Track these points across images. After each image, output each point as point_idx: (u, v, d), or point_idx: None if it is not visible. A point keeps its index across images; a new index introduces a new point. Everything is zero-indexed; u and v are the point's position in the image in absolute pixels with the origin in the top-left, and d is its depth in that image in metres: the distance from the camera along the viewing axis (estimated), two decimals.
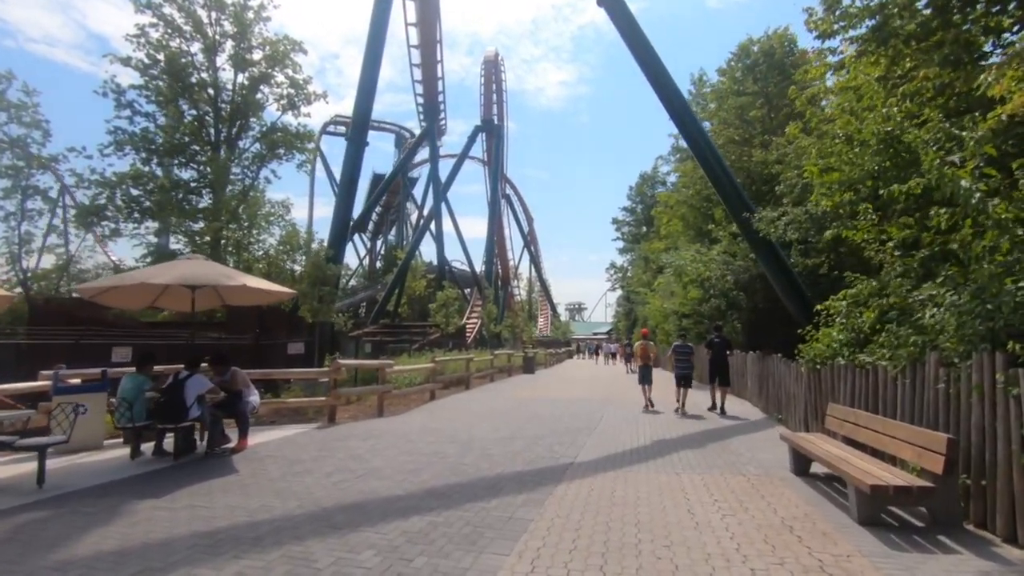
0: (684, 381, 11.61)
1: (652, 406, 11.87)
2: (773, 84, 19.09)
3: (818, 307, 7.74)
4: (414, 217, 66.75)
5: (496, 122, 48.86)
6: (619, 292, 75.89)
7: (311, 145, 33.35)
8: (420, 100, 37.46)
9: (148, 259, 28.19)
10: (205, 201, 28.77)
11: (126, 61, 27.85)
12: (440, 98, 38.01)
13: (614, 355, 46.29)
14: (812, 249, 12.58)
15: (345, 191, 16.55)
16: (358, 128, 16.63)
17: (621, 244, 65.51)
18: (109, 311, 22.05)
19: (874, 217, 7.11)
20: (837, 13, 7.53)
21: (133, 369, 6.74)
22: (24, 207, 24.92)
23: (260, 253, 27.94)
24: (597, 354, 48.65)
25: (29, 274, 25.48)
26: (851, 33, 7.73)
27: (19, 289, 23.23)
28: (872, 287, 6.61)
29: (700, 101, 30.32)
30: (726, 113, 20.78)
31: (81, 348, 10.38)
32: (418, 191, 62.61)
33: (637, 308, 40.56)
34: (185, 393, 6.12)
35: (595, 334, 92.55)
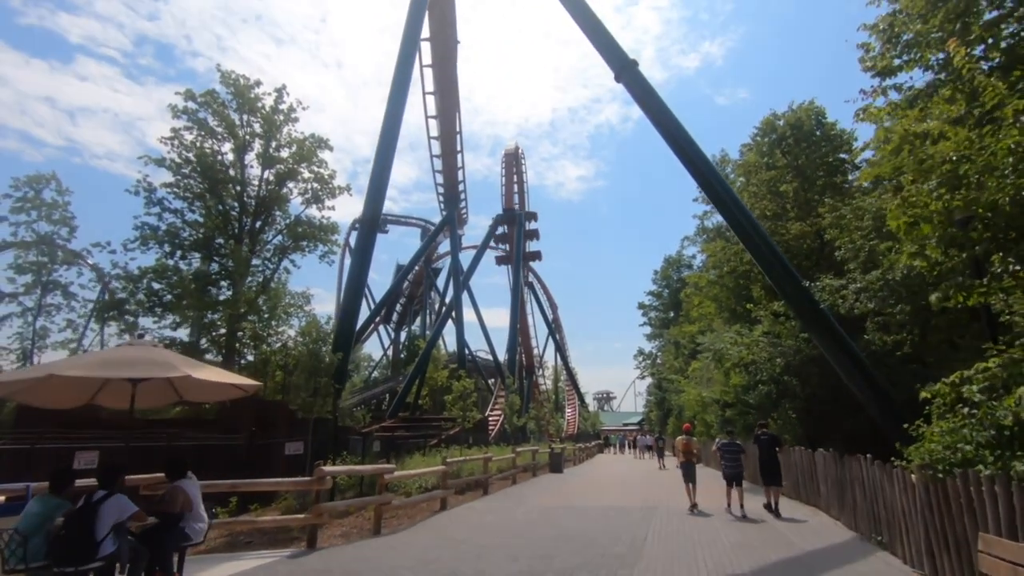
0: (735, 480, 10.91)
1: (697, 507, 11.20)
2: (804, 156, 18.23)
3: (925, 393, 5.98)
4: (437, 306, 66.46)
5: (517, 210, 49.37)
6: (648, 379, 72.78)
7: (335, 236, 33.66)
8: (441, 190, 38.07)
9: None
10: (225, 293, 28.65)
11: (160, 162, 28.94)
12: (460, 188, 38.53)
13: (649, 448, 42.99)
14: (891, 323, 10.62)
15: (355, 277, 15.62)
16: (367, 230, 16.13)
17: (648, 330, 63.60)
18: (103, 410, 20.97)
19: (1018, 269, 5.40)
20: (900, 46, 6.44)
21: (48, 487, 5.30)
22: (42, 302, 24.81)
23: (279, 345, 27.10)
24: (633, 446, 45.26)
25: None
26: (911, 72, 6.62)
27: None
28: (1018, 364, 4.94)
29: (726, 178, 29.81)
30: (756, 187, 19.88)
31: (37, 454, 9.05)
32: (441, 281, 62.81)
33: (670, 396, 37.93)
34: (97, 522, 4.64)
35: (625, 424, 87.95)
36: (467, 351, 43.95)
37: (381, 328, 70.82)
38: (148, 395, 6.28)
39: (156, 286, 27.97)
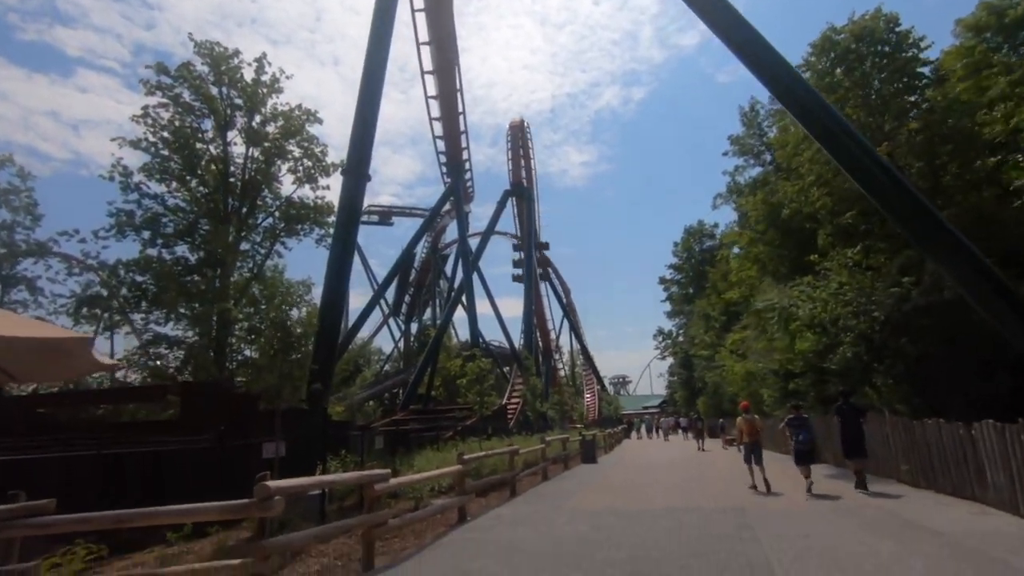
0: (807, 458, 10.27)
1: (759, 489, 10.42)
2: (875, 72, 15.02)
3: None
4: (447, 295, 63.88)
5: (525, 185, 46.26)
6: (669, 360, 69.78)
7: (331, 219, 30.95)
8: (443, 159, 34.97)
9: (140, 351, 25.10)
10: (214, 285, 26.10)
11: (136, 144, 26.33)
12: (465, 156, 35.47)
13: (685, 430, 40.22)
14: None
15: (343, 231, 12.80)
16: (355, 161, 13.19)
17: (668, 307, 60.47)
18: (67, 412, 18.46)
19: None
20: None
21: None
22: (4, 299, 22.35)
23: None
24: (658, 431, 42.48)
25: None
26: None
27: None
28: None
29: (762, 125, 26.62)
30: None
31: None
32: (450, 268, 60.11)
33: (703, 374, 34.92)
34: None
35: (645, 408, 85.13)
36: (480, 339, 41.34)
37: (391, 321, 68.39)
38: None
39: (139, 279, 25.51)
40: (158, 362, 25.02)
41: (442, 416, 31.68)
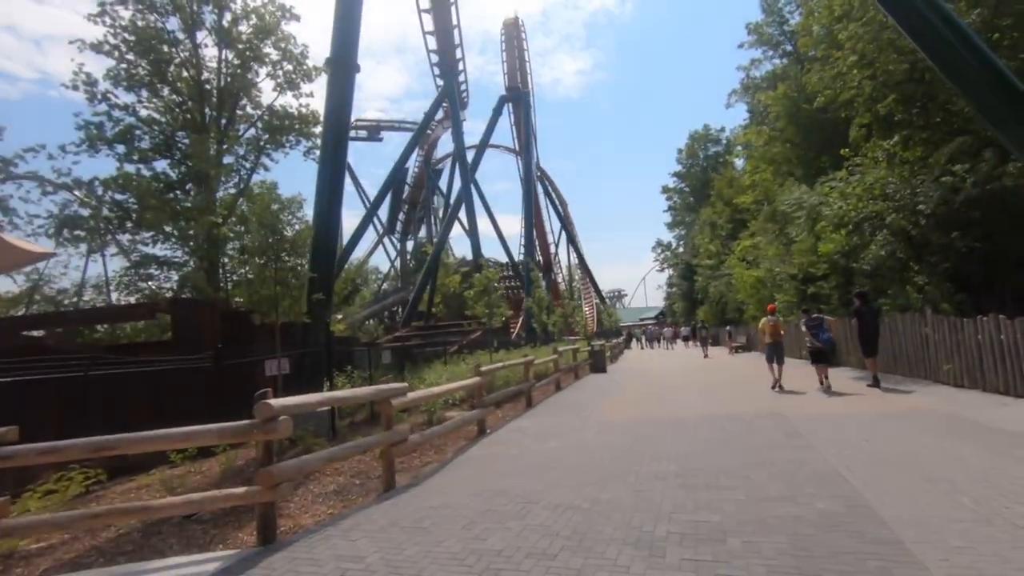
0: (824, 358, 10.55)
1: (783, 388, 10.91)
2: None
3: None
4: (442, 213, 62.29)
5: (522, 89, 43.31)
6: (667, 272, 69.60)
7: (318, 129, 29.01)
8: (435, 59, 32.14)
9: (131, 272, 24.18)
10: (198, 201, 24.71)
11: (97, 47, 23.90)
12: (459, 53, 32.61)
13: (686, 339, 40.70)
14: None
15: (334, 132, 11.43)
16: (340, 47, 11.53)
17: (669, 219, 59.31)
18: (54, 333, 17.80)
19: None
20: None
21: None
22: None
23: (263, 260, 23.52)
24: (660, 341, 42.87)
25: None
26: None
27: None
28: None
29: (783, 12, 24.30)
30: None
31: None
32: (444, 184, 58.10)
33: (709, 284, 34.48)
34: None
35: (642, 319, 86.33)
36: (480, 253, 40.48)
37: (386, 240, 67.13)
38: None
39: (119, 197, 24.09)
40: (150, 283, 24.21)
41: (445, 331, 31.50)
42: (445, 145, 58.09)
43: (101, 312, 19.09)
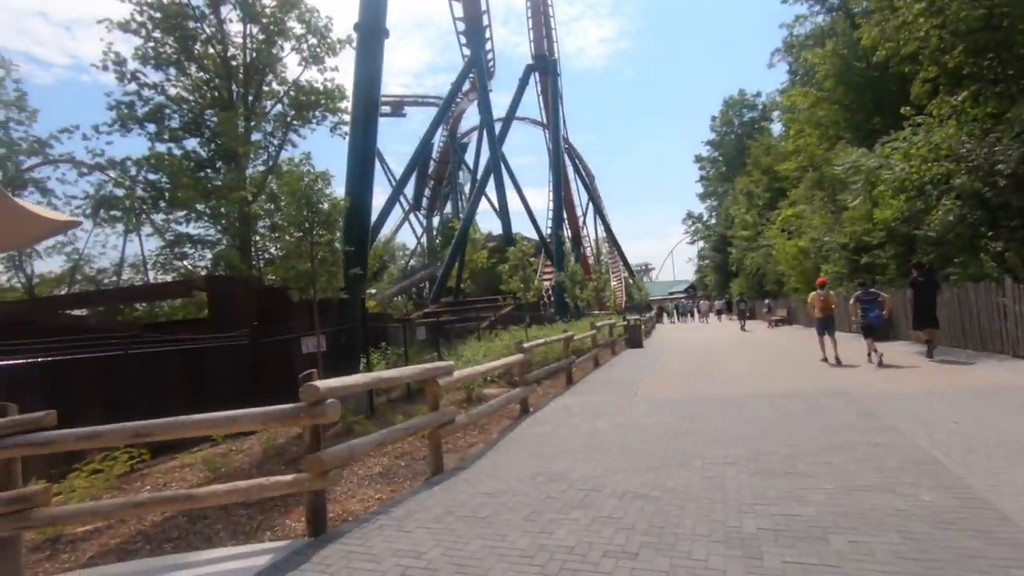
0: (874, 332, 10.37)
1: (840, 361, 10.48)
2: None
3: None
4: (468, 188, 61.69)
5: (549, 56, 41.97)
6: (698, 245, 68.01)
7: (344, 103, 28.72)
8: (461, 26, 31.18)
9: (166, 251, 24.53)
10: (229, 179, 24.84)
11: (124, 25, 23.88)
12: (485, 20, 31.60)
13: (719, 312, 39.94)
14: None
15: (364, 100, 10.98)
16: (369, 11, 11.01)
17: (701, 189, 57.67)
18: (96, 312, 18.11)
19: None
20: None
21: None
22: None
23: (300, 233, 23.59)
24: (694, 315, 42.02)
25: (36, 280, 22.14)
26: None
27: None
28: None
29: None
30: None
31: None
32: (470, 158, 57.44)
33: (745, 255, 33.35)
34: None
35: (671, 293, 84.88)
36: (509, 227, 39.95)
37: (412, 216, 67.00)
38: None
39: (152, 176, 24.34)
40: (184, 262, 24.55)
41: (475, 307, 31.30)
42: (470, 119, 57.24)
43: (140, 290, 19.38)
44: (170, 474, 6.78)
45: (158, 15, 23.76)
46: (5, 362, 6.58)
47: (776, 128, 38.06)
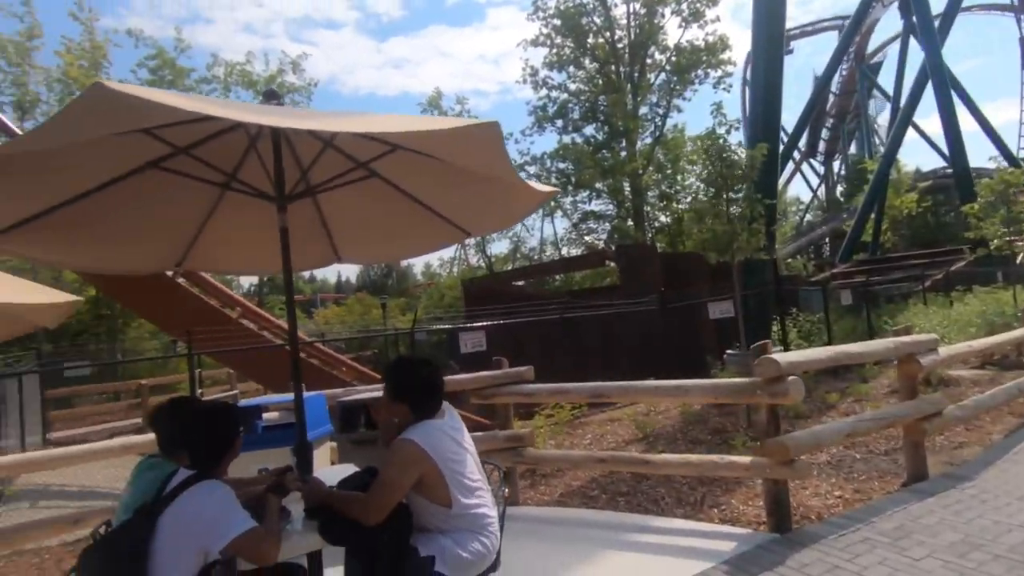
0: None
1: None
2: None
3: None
4: (883, 117, 49.81)
5: None
6: None
7: (726, 55, 27.08)
8: None
9: (574, 229, 28.29)
10: (621, 156, 26.97)
11: (535, 41, 28.38)
12: None
13: None
14: None
15: (767, 38, 9.65)
16: None
17: None
18: (530, 284, 21.85)
19: None
20: None
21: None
22: None
23: (689, 199, 23.78)
24: None
25: (492, 259, 28.83)
26: None
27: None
28: None
29: None
30: None
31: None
32: (885, 80, 46.15)
33: None
34: (157, 537, 1.64)
35: None
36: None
37: (804, 166, 58.71)
38: None
39: (561, 165, 28.49)
40: (588, 237, 27.88)
41: (901, 265, 25.04)
42: (882, 32, 45.83)
43: (562, 263, 22.86)
44: (603, 426, 7.46)
45: (558, 22, 27.29)
46: (480, 324, 8.47)
47: None
